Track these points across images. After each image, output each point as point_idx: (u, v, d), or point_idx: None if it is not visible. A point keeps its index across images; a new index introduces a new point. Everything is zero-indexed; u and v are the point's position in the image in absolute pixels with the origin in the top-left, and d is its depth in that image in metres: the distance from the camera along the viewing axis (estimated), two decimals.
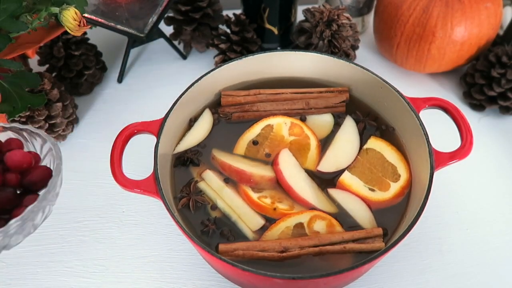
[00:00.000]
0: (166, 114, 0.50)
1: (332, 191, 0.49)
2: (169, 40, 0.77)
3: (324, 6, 0.68)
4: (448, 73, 0.74)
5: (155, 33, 0.73)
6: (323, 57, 0.57)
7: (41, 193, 0.33)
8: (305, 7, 0.73)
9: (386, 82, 0.53)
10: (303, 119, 0.55)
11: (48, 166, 0.36)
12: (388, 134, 0.54)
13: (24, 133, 0.36)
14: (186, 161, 0.52)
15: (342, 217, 0.47)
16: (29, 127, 0.37)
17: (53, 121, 0.60)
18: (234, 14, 0.73)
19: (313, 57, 0.57)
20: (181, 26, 0.74)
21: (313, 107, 0.56)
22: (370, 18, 0.82)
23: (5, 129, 0.36)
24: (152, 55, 0.79)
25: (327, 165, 0.51)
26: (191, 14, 0.72)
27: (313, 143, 0.53)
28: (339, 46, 0.68)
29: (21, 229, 0.31)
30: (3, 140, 0.35)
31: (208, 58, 0.78)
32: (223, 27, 0.76)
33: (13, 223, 0.29)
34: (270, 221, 0.47)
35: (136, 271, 0.51)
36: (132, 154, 0.50)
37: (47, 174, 0.33)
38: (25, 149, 0.35)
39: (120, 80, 0.75)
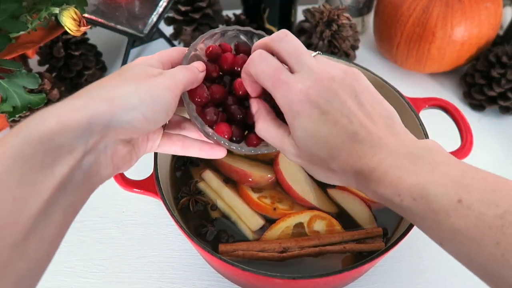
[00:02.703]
0: None
1: (332, 191, 0.49)
2: (169, 40, 0.77)
3: (324, 6, 0.68)
4: (448, 73, 0.74)
5: (155, 33, 0.73)
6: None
7: None
8: (305, 7, 0.73)
9: (386, 82, 0.53)
10: None
11: None
12: None
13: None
14: (186, 161, 0.52)
15: (342, 217, 0.47)
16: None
17: None
18: (234, 14, 0.73)
19: None
20: (181, 26, 0.74)
21: None
22: (370, 18, 0.82)
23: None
24: None
25: None
26: (191, 14, 0.72)
27: None
28: (339, 46, 0.68)
29: None
30: None
31: None
32: None
33: None
34: (270, 221, 0.47)
35: (136, 271, 0.51)
36: None
37: None
38: None
39: None
